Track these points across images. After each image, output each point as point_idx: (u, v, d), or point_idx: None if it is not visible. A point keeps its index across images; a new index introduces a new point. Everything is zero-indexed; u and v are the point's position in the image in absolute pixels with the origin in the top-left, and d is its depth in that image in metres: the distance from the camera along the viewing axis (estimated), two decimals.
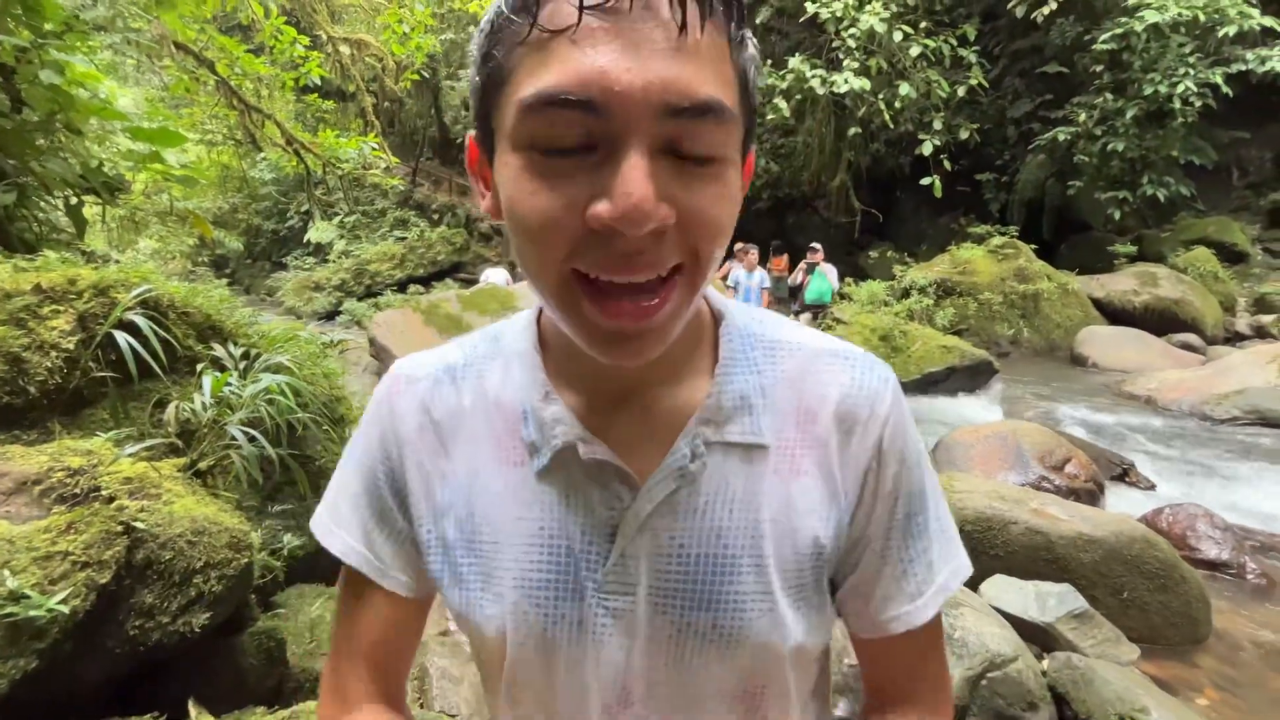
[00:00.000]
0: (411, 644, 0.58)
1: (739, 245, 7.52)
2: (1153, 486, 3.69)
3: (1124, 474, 3.78)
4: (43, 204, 3.25)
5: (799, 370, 0.50)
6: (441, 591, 0.54)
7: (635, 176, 0.34)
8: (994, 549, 2.31)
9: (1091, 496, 3.32)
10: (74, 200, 3.28)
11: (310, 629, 2.02)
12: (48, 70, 2.92)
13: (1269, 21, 8.00)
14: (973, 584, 2.20)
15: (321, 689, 0.58)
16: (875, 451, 0.49)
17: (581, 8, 0.34)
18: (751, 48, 0.41)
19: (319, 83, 6.85)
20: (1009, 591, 2.13)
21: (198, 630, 1.34)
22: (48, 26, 3.39)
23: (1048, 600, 2.05)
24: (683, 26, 0.34)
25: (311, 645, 1.97)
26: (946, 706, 0.56)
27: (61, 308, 1.74)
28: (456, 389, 0.53)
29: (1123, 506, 3.28)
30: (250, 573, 1.49)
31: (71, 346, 1.73)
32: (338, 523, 0.56)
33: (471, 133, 0.46)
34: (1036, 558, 2.25)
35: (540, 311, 0.53)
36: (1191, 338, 7.19)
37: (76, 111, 3.21)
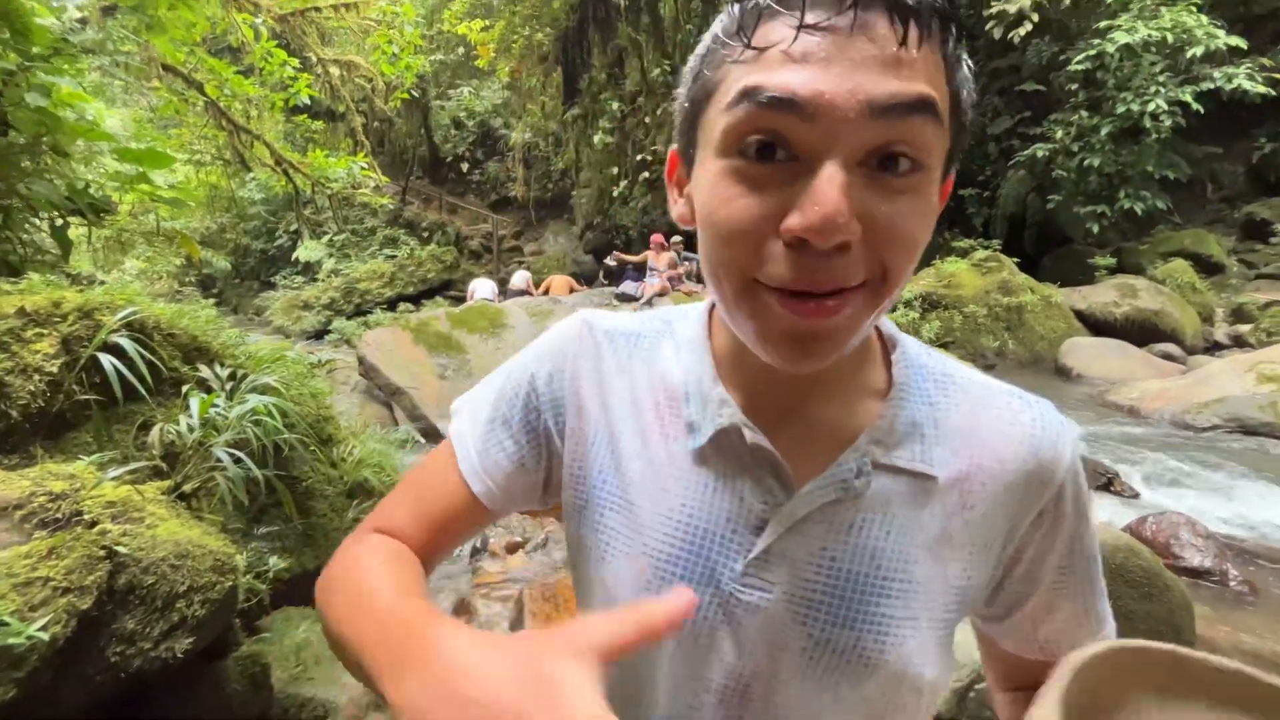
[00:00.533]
0: (464, 536, 0.59)
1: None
2: (1136, 495, 3.74)
3: (1108, 483, 3.82)
4: (27, 226, 3.24)
5: (974, 407, 0.50)
6: (567, 524, 0.56)
7: (828, 189, 0.35)
8: None
9: None
10: (59, 222, 3.27)
11: (296, 652, 1.99)
12: (34, 93, 2.93)
13: (1235, 41, 8.28)
14: None
15: (378, 507, 0.59)
16: (1055, 498, 0.49)
17: (800, 27, 0.35)
18: (966, 69, 0.41)
19: (309, 103, 6.90)
20: None
21: (180, 655, 1.32)
22: (35, 50, 3.40)
23: None
24: (903, 42, 0.35)
25: (298, 669, 1.94)
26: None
27: (45, 331, 1.74)
28: (630, 354, 0.55)
29: (1107, 515, 3.31)
30: (235, 596, 1.48)
31: (55, 370, 1.72)
32: (475, 406, 0.59)
33: (674, 146, 0.48)
34: None
35: (712, 308, 0.54)
36: (1172, 348, 7.32)
37: (63, 133, 3.22)
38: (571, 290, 9.25)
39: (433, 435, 5.19)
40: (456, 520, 0.56)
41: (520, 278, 9.95)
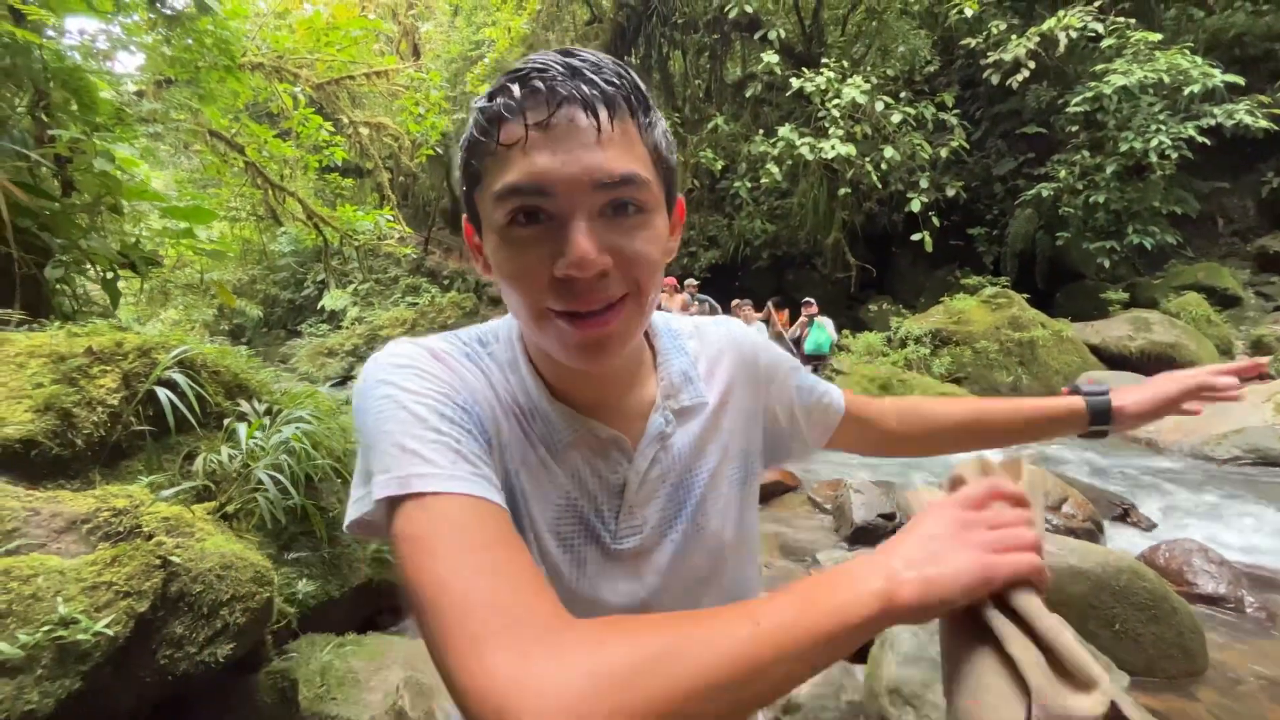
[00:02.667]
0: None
1: (735, 301, 7.77)
2: (1153, 526, 3.70)
3: (1124, 514, 3.79)
4: (78, 278, 3.51)
5: (703, 342, 0.71)
6: None
7: (579, 239, 0.48)
8: None
9: (1091, 536, 3.34)
10: (110, 275, 3.54)
11: (321, 674, 2.08)
12: (101, 158, 3.24)
13: (1231, 78, 8.48)
14: None
15: (506, 626, 0.39)
16: (763, 368, 0.73)
17: (526, 127, 0.48)
18: (659, 125, 0.54)
19: (339, 163, 7.35)
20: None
21: (221, 661, 1.44)
22: (99, 120, 3.77)
23: None
24: (599, 129, 0.49)
25: (322, 689, 2.03)
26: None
27: (109, 367, 1.93)
28: (484, 372, 0.60)
29: (1123, 546, 3.29)
30: (271, 607, 1.59)
31: (116, 403, 1.90)
32: (429, 467, 0.48)
33: (464, 216, 0.60)
34: None
35: (520, 335, 0.64)
36: None
37: (121, 194, 3.52)
38: None
39: None
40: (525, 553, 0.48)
41: None
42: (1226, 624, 2.56)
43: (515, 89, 0.49)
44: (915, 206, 10.03)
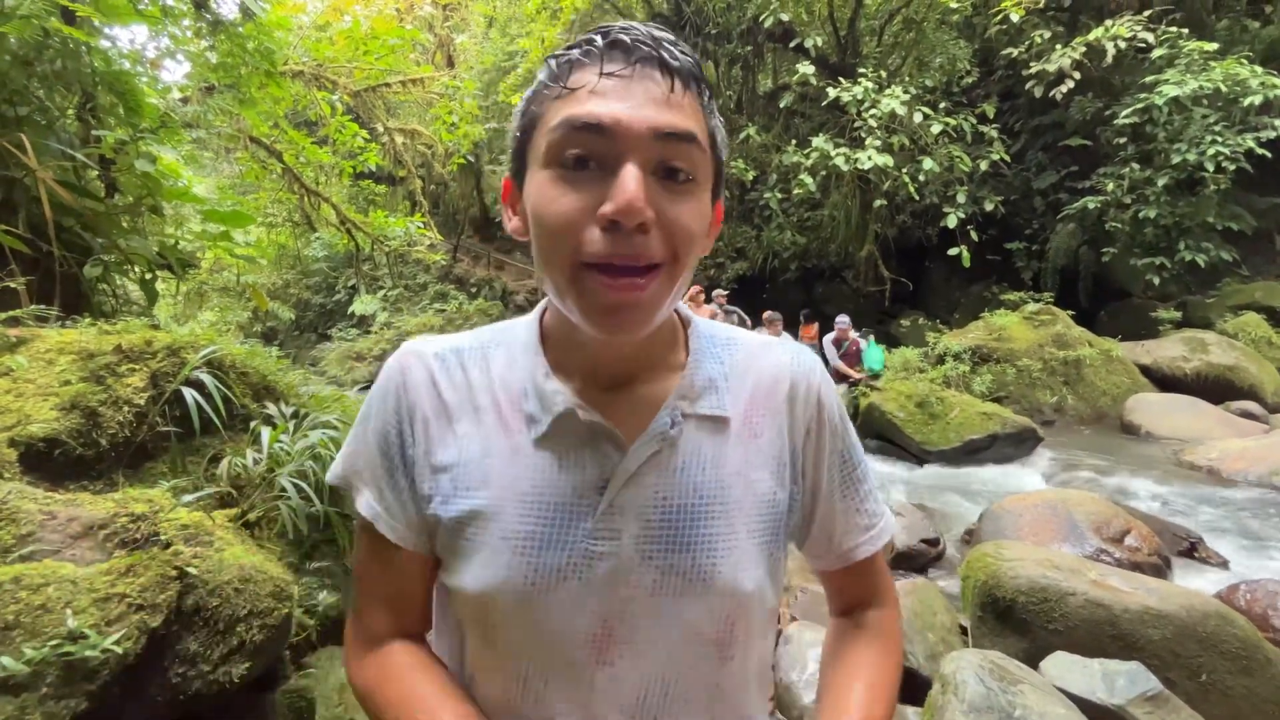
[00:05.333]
0: (425, 589, 0.63)
1: (766, 314, 7.59)
2: (1225, 563, 3.43)
3: (1192, 549, 3.53)
4: (118, 278, 3.54)
5: (751, 359, 0.63)
6: (434, 542, 0.59)
7: (629, 182, 0.46)
8: (1052, 623, 2.16)
9: (1157, 572, 3.10)
10: (149, 275, 3.57)
11: (339, 692, 1.99)
12: (143, 160, 3.27)
13: None
14: (1032, 661, 2.05)
15: (347, 632, 0.64)
16: (815, 416, 0.63)
17: (601, 74, 0.48)
18: (718, 119, 0.55)
19: (373, 169, 7.43)
20: (1073, 670, 1.97)
21: (236, 680, 1.34)
22: (144, 124, 3.83)
23: (1116, 680, 1.88)
24: (672, 89, 0.49)
25: (339, 709, 1.94)
26: (896, 604, 0.71)
27: (137, 366, 1.88)
28: (463, 367, 0.61)
29: (1194, 584, 3.04)
30: (289, 623, 1.50)
31: (142, 402, 1.85)
32: (359, 479, 0.62)
33: (506, 174, 0.58)
34: (1100, 633, 2.09)
35: (543, 313, 0.62)
36: (1251, 405, 6.84)
37: (162, 197, 3.56)
38: None
39: None
40: (414, 582, 0.62)
41: None
42: None
43: (598, 40, 0.49)
44: (952, 222, 9.77)
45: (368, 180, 9.56)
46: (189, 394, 1.85)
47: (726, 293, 9.03)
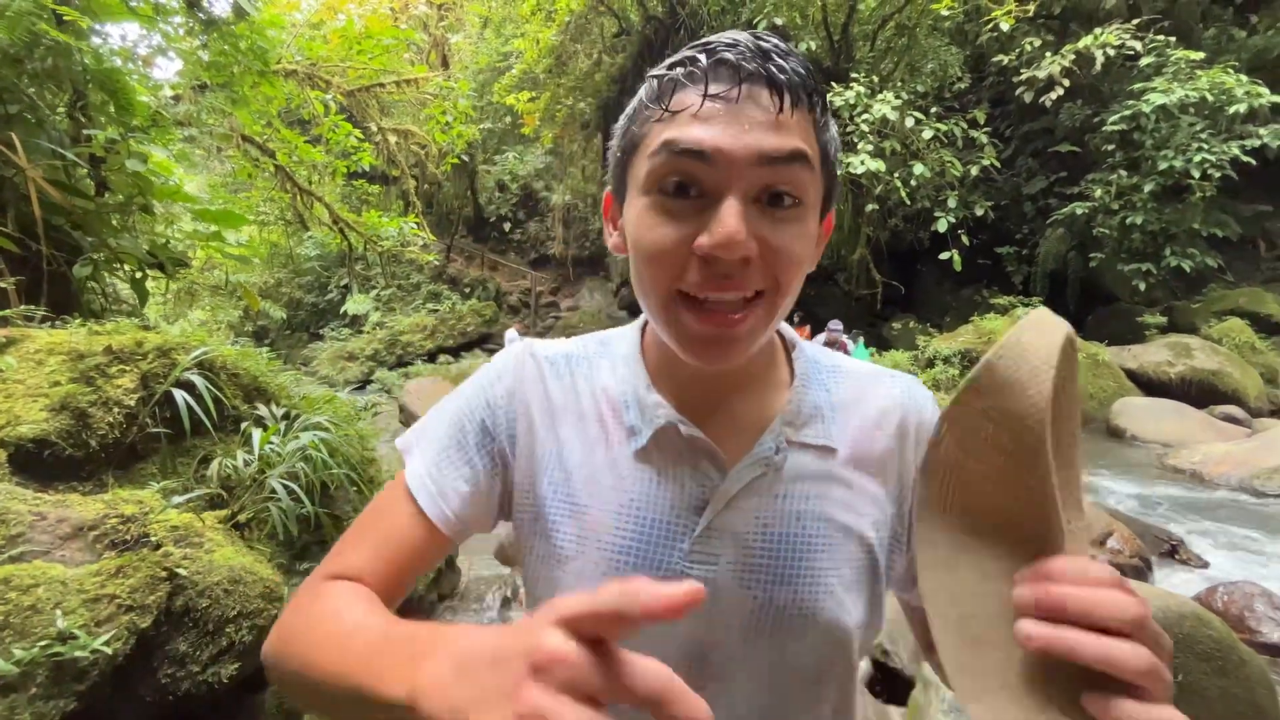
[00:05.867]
0: (422, 569, 0.60)
1: None
2: (1205, 565, 3.49)
3: (1173, 551, 3.59)
4: (108, 277, 3.53)
5: (860, 389, 0.61)
6: (522, 540, 0.59)
7: (730, 216, 0.45)
8: None
9: (1139, 574, 3.15)
10: (139, 274, 3.55)
11: None
12: (134, 159, 3.26)
13: (1277, 99, 8.20)
14: None
15: (329, 555, 0.58)
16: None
17: (705, 96, 0.46)
18: (833, 129, 0.52)
19: (366, 169, 7.42)
20: None
21: (226, 680, 1.36)
22: (135, 122, 3.81)
23: None
24: (780, 109, 0.46)
25: None
26: None
27: (127, 367, 1.88)
28: (572, 374, 0.61)
29: (1174, 586, 3.10)
30: None
31: (132, 403, 1.85)
32: (419, 446, 0.60)
33: (608, 188, 0.58)
34: None
35: (644, 326, 0.62)
36: (1234, 409, 6.94)
37: (153, 195, 3.54)
38: None
39: None
40: (415, 553, 0.58)
41: (512, 335, 10.22)
42: None
43: (702, 59, 0.47)
44: (943, 226, 9.84)
45: (361, 180, 9.53)
46: (179, 395, 1.86)
47: None
